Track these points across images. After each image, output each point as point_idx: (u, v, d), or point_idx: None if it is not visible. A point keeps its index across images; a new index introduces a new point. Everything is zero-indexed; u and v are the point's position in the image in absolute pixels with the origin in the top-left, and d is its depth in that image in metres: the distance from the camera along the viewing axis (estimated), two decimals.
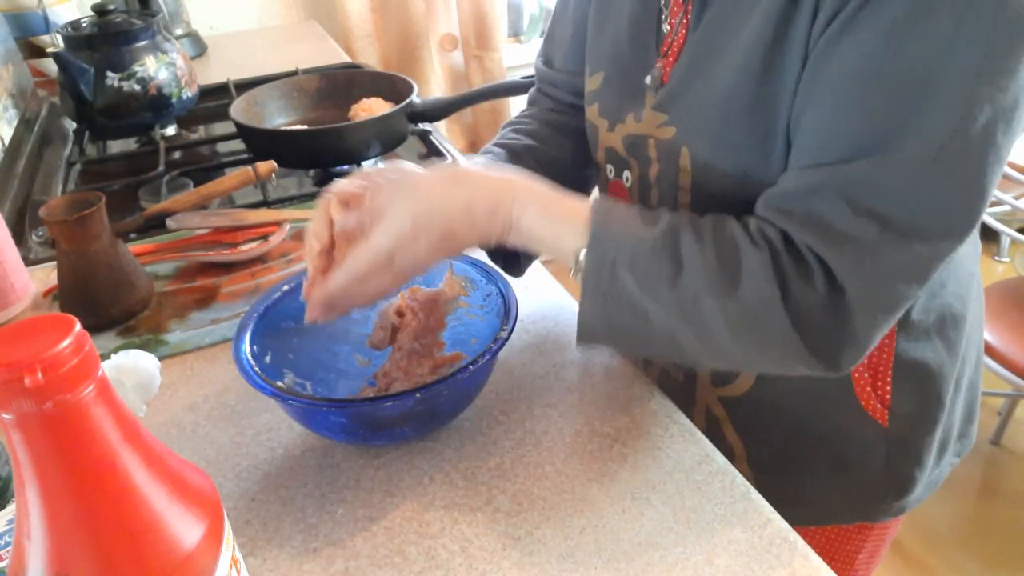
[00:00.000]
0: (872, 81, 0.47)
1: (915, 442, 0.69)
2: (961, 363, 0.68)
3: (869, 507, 0.72)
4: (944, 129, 0.46)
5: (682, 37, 0.60)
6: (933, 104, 0.46)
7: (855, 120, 0.48)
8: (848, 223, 0.48)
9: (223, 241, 0.87)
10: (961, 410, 0.72)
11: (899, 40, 0.46)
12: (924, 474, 0.70)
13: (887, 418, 0.67)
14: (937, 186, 0.47)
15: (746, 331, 0.50)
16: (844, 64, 0.48)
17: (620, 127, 0.65)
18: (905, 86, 0.46)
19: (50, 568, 0.32)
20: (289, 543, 0.53)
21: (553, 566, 0.51)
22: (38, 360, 0.28)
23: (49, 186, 1.12)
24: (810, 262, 0.49)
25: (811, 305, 0.49)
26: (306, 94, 1.18)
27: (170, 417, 0.66)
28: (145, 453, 0.34)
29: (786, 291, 0.48)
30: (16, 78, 1.34)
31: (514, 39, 2.31)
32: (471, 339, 0.65)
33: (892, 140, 0.47)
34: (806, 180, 0.50)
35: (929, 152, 0.46)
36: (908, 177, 0.47)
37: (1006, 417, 1.91)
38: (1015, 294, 1.72)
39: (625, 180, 0.67)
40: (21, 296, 0.81)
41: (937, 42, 0.45)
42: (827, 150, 0.49)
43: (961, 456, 0.76)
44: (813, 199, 0.49)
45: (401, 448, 0.61)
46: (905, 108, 0.46)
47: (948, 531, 1.72)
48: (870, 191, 0.48)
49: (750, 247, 0.50)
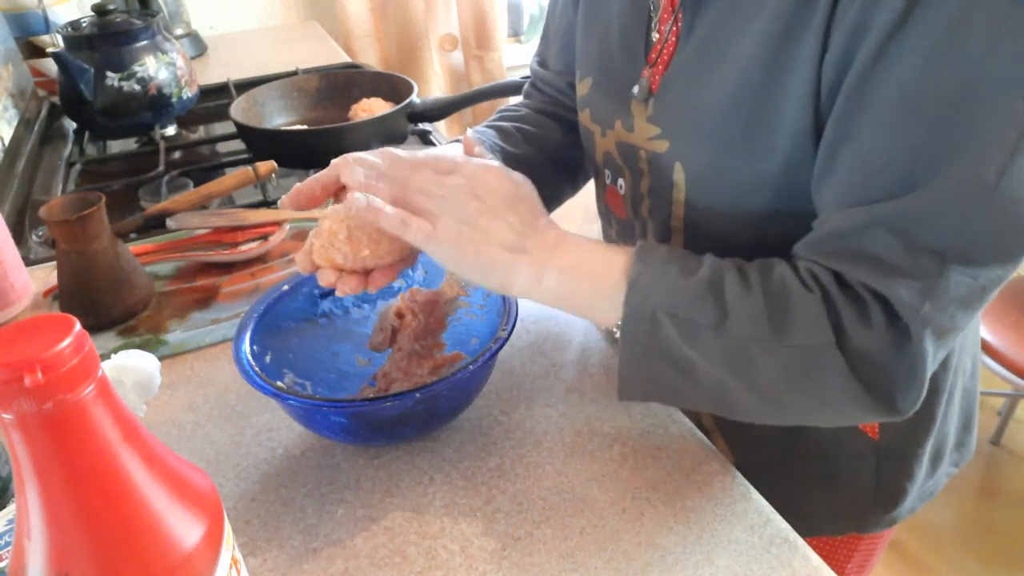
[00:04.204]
0: (913, 109, 0.45)
1: (906, 454, 0.67)
2: (953, 374, 0.66)
3: (859, 518, 0.71)
4: (997, 151, 0.44)
5: (672, 46, 0.58)
6: (980, 126, 0.44)
7: (899, 151, 0.46)
8: (904, 259, 0.45)
9: (223, 241, 0.87)
10: (956, 420, 0.71)
11: (938, 65, 0.43)
12: (915, 486, 0.69)
13: (877, 431, 0.66)
14: (992, 213, 0.45)
15: (800, 379, 0.48)
16: (883, 95, 0.45)
17: (611, 133, 0.65)
18: (947, 110, 0.44)
19: (50, 568, 0.32)
20: (289, 543, 0.53)
21: (553, 566, 0.51)
22: (38, 360, 0.28)
23: (49, 186, 1.12)
24: (867, 300, 0.46)
25: (870, 347, 0.46)
26: (306, 94, 1.19)
27: (170, 417, 0.66)
28: (145, 453, 0.34)
29: (841, 335, 0.46)
30: (16, 78, 1.34)
31: (514, 39, 2.31)
32: (471, 339, 0.65)
33: (940, 169, 0.44)
34: (853, 220, 0.47)
35: (988, 179, 0.44)
36: (961, 206, 0.45)
37: (1006, 417, 1.91)
38: (1015, 294, 1.72)
39: (619, 187, 0.67)
40: (21, 296, 0.81)
41: (977, 62, 0.43)
42: (872, 186, 0.47)
43: (959, 466, 0.74)
44: (863, 239, 0.47)
45: (401, 448, 0.61)
46: (951, 133, 0.44)
47: (948, 531, 1.72)
48: (924, 226, 0.45)
49: (800, 290, 0.47)
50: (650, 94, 0.60)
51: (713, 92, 0.54)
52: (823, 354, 0.46)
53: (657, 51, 0.59)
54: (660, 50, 0.59)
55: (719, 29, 0.54)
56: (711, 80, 0.54)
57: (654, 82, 0.59)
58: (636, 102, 0.61)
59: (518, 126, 0.74)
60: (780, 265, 0.50)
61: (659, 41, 0.59)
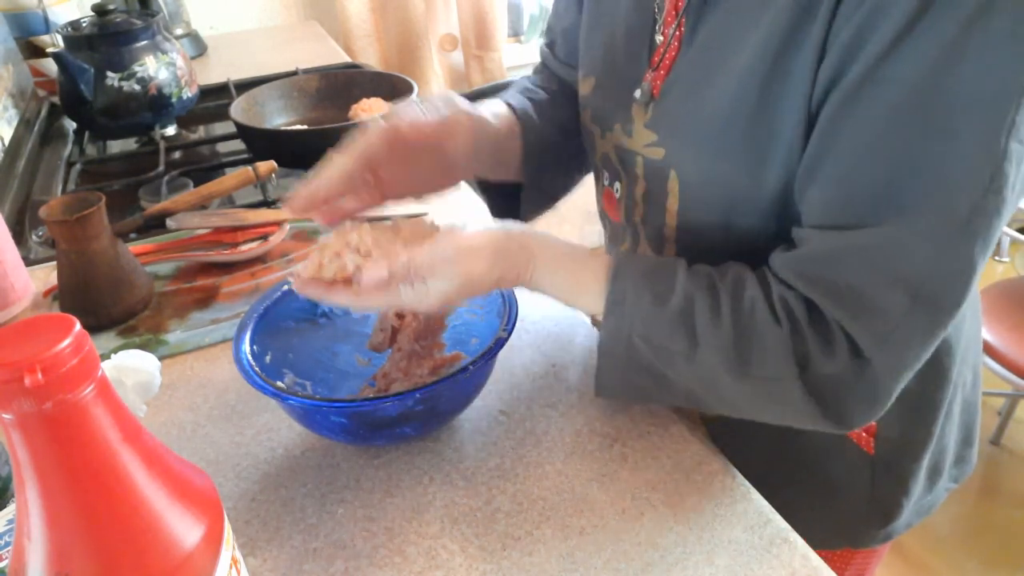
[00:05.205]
0: (897, 133, 0.45)
1: (902, 469, 0.67)
2: (953, 388, 0.66)
3: (853, 533, 0.70)
4: (976, 188, 0.44)
5: (674, 50, 0.57)
6: (964, 162, 0.44)
7: (882, 173, 0.46)
8: (878, 293, 0.46)
9: (223, 241, 0.87)
10: (956, 435, 0.70)
11: (926, 91, 0.43)
12: (911, 501, 0.68)
13: (872, 445, 0.65)
14: (964, 250, 0.45)
15: (764, 402, 0.51)
16: (870, 114, 0.45)
17: (610, 135, 0.64)
18: (930, 137, 0.44)
19: (50, 568, 0.32)
20: (289, 543, 0.53)
21: (553, 566, 0.51)
22: (38, 360, 0.28)
23: (49, 186, 1.12)
24: (835, 333, 0.48)
25: (829, 376, 0.48)
26: (306, 94, 1.19)
27: (170, 417, 0.66)
28: (145, 453, 0.34)
29: (804, 368, 0.48)
30: (16, 78, 1.34)
31: (514, 39, 2.31)
32: (471, 339, 0.65)
33: (920, 200, 0.45)
34: (830, 244, 0.48)
35: (960, 214, 0.44)
36: (938, 241, 0.45)
37: (1006, 417, 1.91)
38: (1015, 294, 1.72)
39: (615, 191, 0.66)
40: (21, 296, 0.81)
41: (968, 92, 0.43)
42: (851, 208, 0.47)
43: (959, 481, 0.73)
44: (839, 267, 0.47)
45: (401, 448, 0.61)
46: (933, 163, 0.44)
47: (948, 531, 1.72)
48: (899, 258, 0.46)
49: (769, 322, 0.49)
50: (651, 98, 0.59)
51: (711, 101, 0.54)
52: (783, 384, 0.49)
53: (660, 55, 0.59)
54: (663, 54, 0.58)
55: (720, 36, 0.54)
56: (709, 88, 0.54)
57: (656, 87, 0.59)
58: (637, 106, 0.60)
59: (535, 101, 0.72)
60: (752, 287, 0.50)
61: (663, 44, 0.59)
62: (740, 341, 0.49)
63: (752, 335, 0.49)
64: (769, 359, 0.48)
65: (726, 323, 0.49)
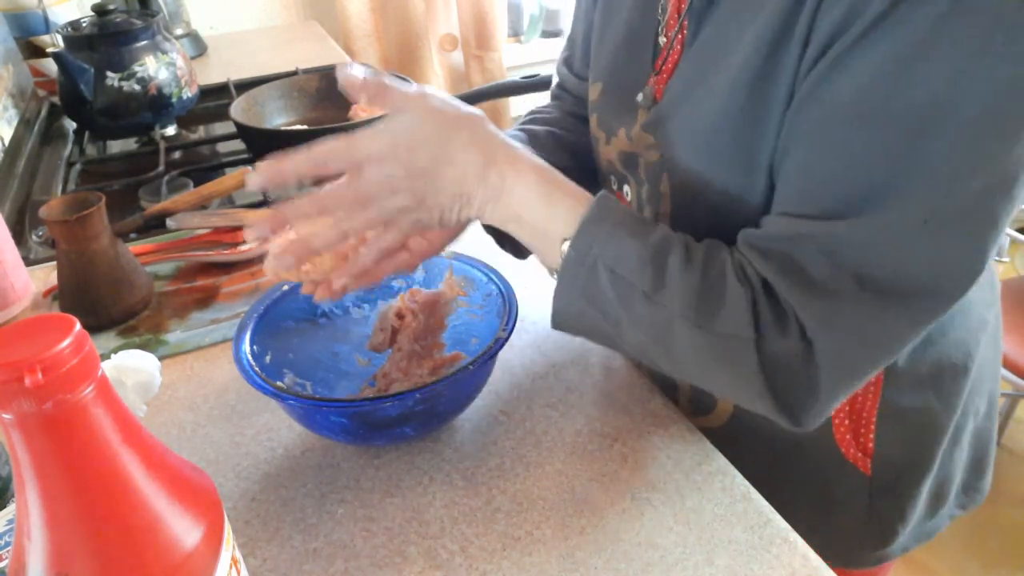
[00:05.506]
0: (861, 125, 0.44)
1: (900, 494, 0.65)
2: (962, 414, 0.64)
3: (846, 553, 0.69)
4: (937, 188, 0.43)
5: (677, 54, 0.57)
6: (926, 158, 0.43)
7: (841, 166, 0.45)
8: (826, 275, 0.46)
9: (223, 241, 0.87)
10: (965, 462, 0.69)
11: (894, 83, 0.42)
12: (908, 527, 0.67)
13: (869, 467, 0.64)
14: (925, 249, 0.45)
15: (713, 363, 0.49)
16: (833, 104, 0.45)
17: (615, 141, 0.63)
18: (896, 135, 0.43)
19: (50, 568, 0.32)
20: (289, 543, 0.53)
21: (553, 566, 0.51)
22: (38, 360, 0.28)
23: (49, 186, 1.12)
24: (787, 310, 0.47)
25: (782, 353, 0.47)
26: (306, 94, 1.18)
27: (170, 417, 0.66)
28: (145, 453, 0.34)
29: (760, 335, 0.47)
30: (16, 78, 1.34)
31: (514, 39, 2.31)
32: (471, 339, 0.65)
33: (880, 198, 0.44)
34: (789, 228, 0.48)
35: (919, 214, 0.44)
36: (895, 239, 0.45)
37: (1006, 417, 1.91)
38: (1015, 294, 1.72)
39: (626, 194, 0.66)
40: (21, 296, 0.81)
41: (934, 92, 0.41)
42: (811, 199, 0.47)
43: (967, 509, 0.72)
44: (794, 246, 0.47)
45: (401, 448, 0.61)
46: (895, 159, 0.43)
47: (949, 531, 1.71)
48: (854, 252, 0.45)
49: (735, 282, 0.48)
50: (654, 102, 0.59)
51: (704, 102, 0.53)
52: (740, 347, 0.47)
53: (663, 58, 0.58)
54: (666, 57, 0.58)
55: (719, 38, 0.53)
56: (704, 89, 0.53)
57: (658, 90, 0.58)
58: (641, 110, 0.60)
59: (550, 130, 0.72)
60: (724, 252, 0.50)
61: (665, 47, 0.58)
62: (707, 291, 0.48)
63: (722, 288, 0.48)
64: (732, 315, 0.47)
65: (697, 270, 0.48)
